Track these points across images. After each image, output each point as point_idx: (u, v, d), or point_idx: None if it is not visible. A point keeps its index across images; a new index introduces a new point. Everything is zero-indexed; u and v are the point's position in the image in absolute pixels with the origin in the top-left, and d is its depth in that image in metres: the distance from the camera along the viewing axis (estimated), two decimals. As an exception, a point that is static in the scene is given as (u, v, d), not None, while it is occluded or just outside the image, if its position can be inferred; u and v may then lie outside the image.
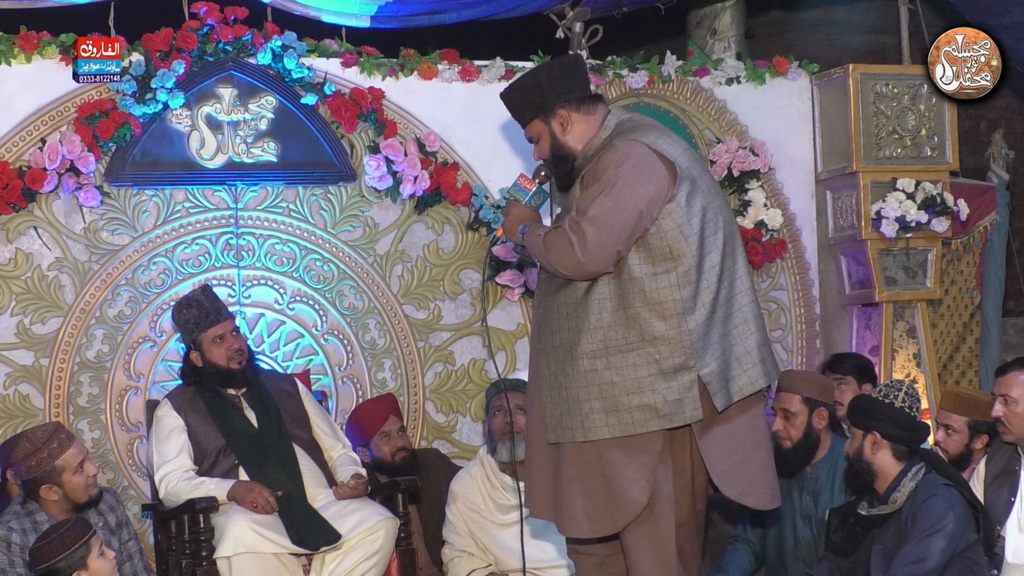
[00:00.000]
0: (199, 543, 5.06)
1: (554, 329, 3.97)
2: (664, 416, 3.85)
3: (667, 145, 3.98)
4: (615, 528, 3.94)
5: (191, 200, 5.94)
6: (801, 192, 6.78)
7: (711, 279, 3.91)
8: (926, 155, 6.70)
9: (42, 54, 5.70)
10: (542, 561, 5.40)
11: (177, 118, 5.87)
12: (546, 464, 4.02)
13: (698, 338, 3.87)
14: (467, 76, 6.27)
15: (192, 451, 5.28)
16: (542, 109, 4.04)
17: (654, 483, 3.90)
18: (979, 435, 5.16)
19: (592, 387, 3.89)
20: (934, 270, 6.69)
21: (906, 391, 4.67)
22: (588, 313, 3.90)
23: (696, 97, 6.63)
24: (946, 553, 4.44)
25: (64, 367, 5.74)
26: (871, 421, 4.64)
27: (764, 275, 6.68)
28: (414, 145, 6.12)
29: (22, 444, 4.85)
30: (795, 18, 8.55)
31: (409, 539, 5.34)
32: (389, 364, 6.17)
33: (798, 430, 5.17)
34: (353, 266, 6.13)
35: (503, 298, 6.28)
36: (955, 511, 4.48)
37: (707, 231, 3.93)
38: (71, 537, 4.33)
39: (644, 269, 3.87)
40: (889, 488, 4.60)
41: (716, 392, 3.89)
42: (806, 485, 5.19)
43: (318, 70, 6.03)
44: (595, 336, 3.89)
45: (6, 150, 5.66)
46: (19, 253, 5.72)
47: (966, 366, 7.04)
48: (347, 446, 5.55)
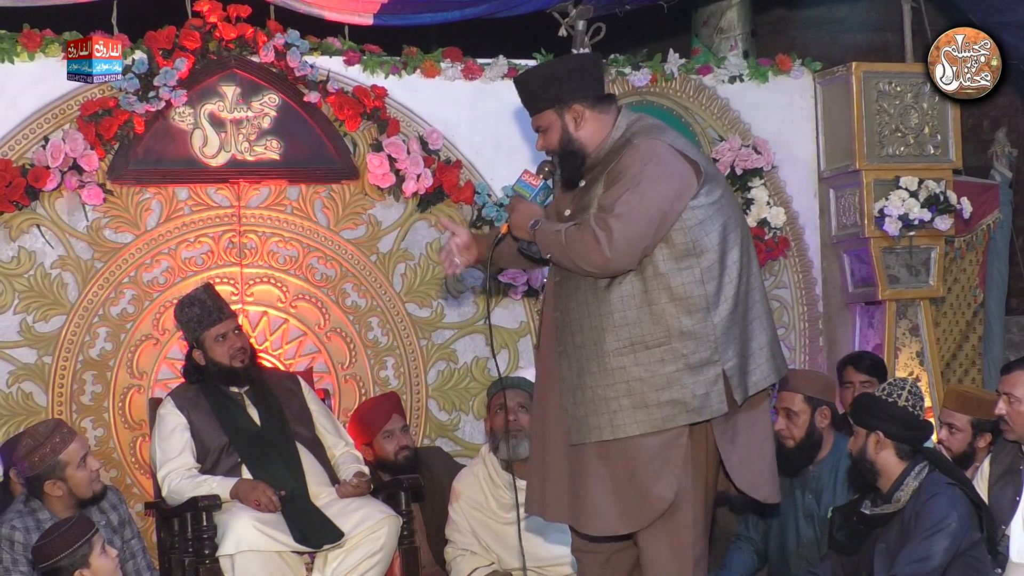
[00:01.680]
0: (202, 541, 5.06)
1: (574, 330, 3.97)
2: (693, 410, 3.89)
3: (684, 144, 4.03)
4: (644, 524, 3.96)
5: (194, 198, 5.94)
6: (804, 190, 6.78)
7: (732, 275, 3.96)
8: (929, 153, 6.70)
9: (45, 52, 5.70)
10: (545, 559, 5.40)
11: (180, 116, 5.87)
12: (563, 467, 4.03)
13: (722, 332, 3.91)
14: (470, 74, 6.27)
15: (195, 449, 5.28)
16: (557, 101, 4.04)
17: (681, 478, 3.92)
18: (982, 434, 5.16)
19: (620, 384, 3.91)
20: (937, 268, 6.68)
21: (909, 390, 4.66)
22: (612, 311, 3.91)
23: (699, 95, 6.62)
24: (949, 552, 4.44)
25: (67, 365, 5.75)
26: (874, 420, 4.64)
27: (767, 273, 6.68)
28: (417, 143, 6.12)
29: (24, 441, 4.86)
30: (798, 16, 8.54)
31: (412, 537, 5.35)
32: (392, 362, 6.17)
33: (801, 429, 5.18)
34: (355, 264, 6.13)
35: (506, 296, 6.28)
36: (958, 510, 4.48)
37: (728, 227, 3.98)
38: (73, 535, 4.32)
39: (669, 265, 3.90)
40: (892, 487, 4.59)
41: (736, 386, 3.94)
42: (809, 484, 5.19)
43: (321, 68, 6.03)
44: (621, 333, 3.90)
45: (9, 148, 5.67)
46: (22, 251, 5.72)
47: (969, 364, 7.04)
48: (350, 444, 5.55)
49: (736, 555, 5.32)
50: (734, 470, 4.03)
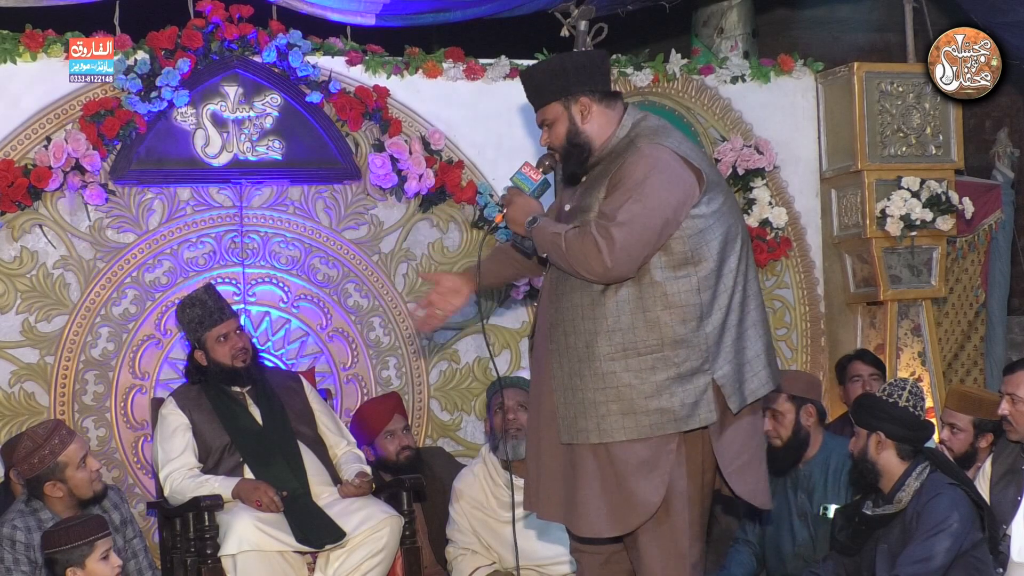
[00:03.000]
0: (204, 541, 5.06)
1: (568, 331, 3.94)
2: (680, 419, 3.86)
3: (689, 149, 3.98)
4: (629, 528, 3.94)
5: (196, 198, 5.94)
6: (806, 190, 6.78)
7: (728, 283, 3.92)
8: (931, 153, 6.69)
9: (47, 52, 5.70)
10: (545, 558, 5.40)
11: (182, 116, 5.87)
12: (556, 466, 4.01)
13: (714, 342, 3.88)
14: (472, 74, 6.27)
15: (197, 449, 5.29)
16: (564, 92, 4.00)
17: (668, 483, 3.91)
18: (984, 434, 5.16)
19: (609, 389, 3.88)
20: (939, 268, 6.68)
21: (910, 390, 4.66)
22: (606, 315, 3.88)
23: (701, 95, 6.62)
24: (951, 552, 4.43)
25: (69, 365, 5.75)
26: (875, 421, 4.64)
27: (769, 273, 6.68)
28: (419, 143, 6.12)
29: (23, 443, 4.85)
30: (800, 16, 8.55)
31: (413, 537, 5.35)
32: (394, 362, 6.18)
33: (787, 428, 5.19)
34: (358, 264, 6.13)
35: (507, 296, 6.28)
36: (959, 510, 4.48)
37: (729, 236, 3.94)
38: (76, 533, 4.30)
39: (666, 273, 3.87)
40: (894, 487, 4.59)
41: (731, 395, 3.91)
42: (800, 483, 5.19)
43: (323, 68, 6.03)
44: (613, 338, 3.87)
45: (11, 148, 5.67)
46: (24, 251, 5.72)
47: (971, 364, 7.04)
48: (352, 444, 5.55)
49: (736, 557, 5.32)
50: (732, 477, 4.00)
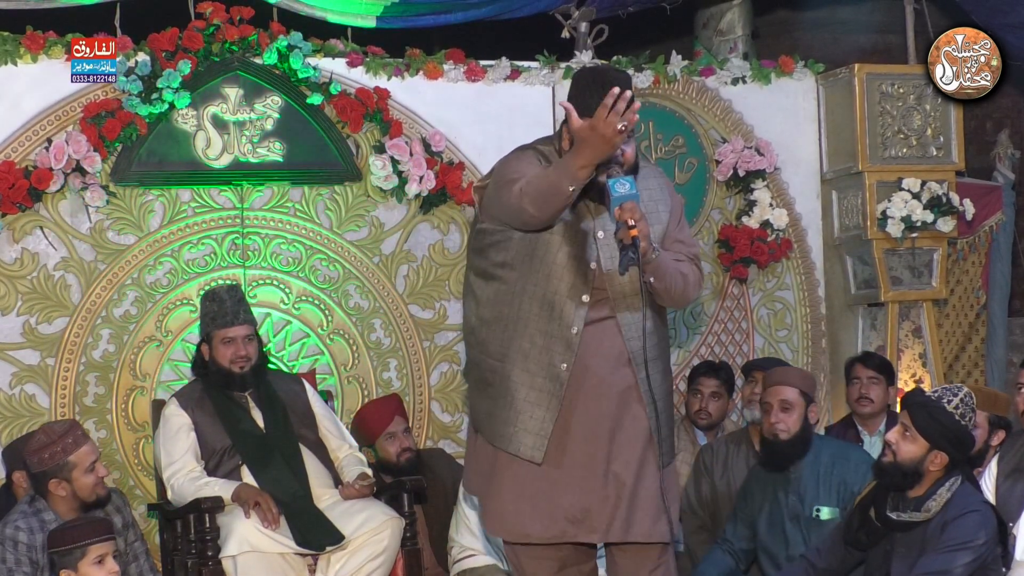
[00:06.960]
0: (205, 543, 5.06)
1: (662, 354, 4.08)
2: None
3: None
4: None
5: (197, 200, 5.94)
6: (807, 192, 6.78)
7: None
8: (932, 155, 6.69)
9: (48, 54, 5.70)
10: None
11: (183, 118, 5.87)
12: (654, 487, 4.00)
13: None
14: (473, 76, 6.27)
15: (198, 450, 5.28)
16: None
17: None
18: (996, 431, 5.14)
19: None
20: (940, 270, 6.68)
21: (962, 398, 4.43)
22: (667, 336, 4.18)
23: (701, 97, 6.62)
24: (969, 568, 4.35)
25: (70, 367, 5.75)
26: (938, 437, 4.38)
27: (769, 275, 6.68)
28: (420, 145, 6.12)
29: (38, 436, 4.88)
30: (801, 18, 8.55)
31: (415, 539, 5.34)
32: (394, 364, 6.18)
33: (796, 422, 5.16)
34: (359, 266, 6.13)
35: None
36: (987, 530, 4.37)
37: None
38: (74, 534, 4.29)
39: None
40: (924, 495, 4.44)
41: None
42: (791, 486, 5.16)
43: (324, 70, 6.03)
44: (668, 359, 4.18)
45: (12, 150, 5.67)
46: (25, 253, 5.72)
47: (972, 366, 7.04)
48: (353, 446, 5.54)
49: (710, 556, 5.29)
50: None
